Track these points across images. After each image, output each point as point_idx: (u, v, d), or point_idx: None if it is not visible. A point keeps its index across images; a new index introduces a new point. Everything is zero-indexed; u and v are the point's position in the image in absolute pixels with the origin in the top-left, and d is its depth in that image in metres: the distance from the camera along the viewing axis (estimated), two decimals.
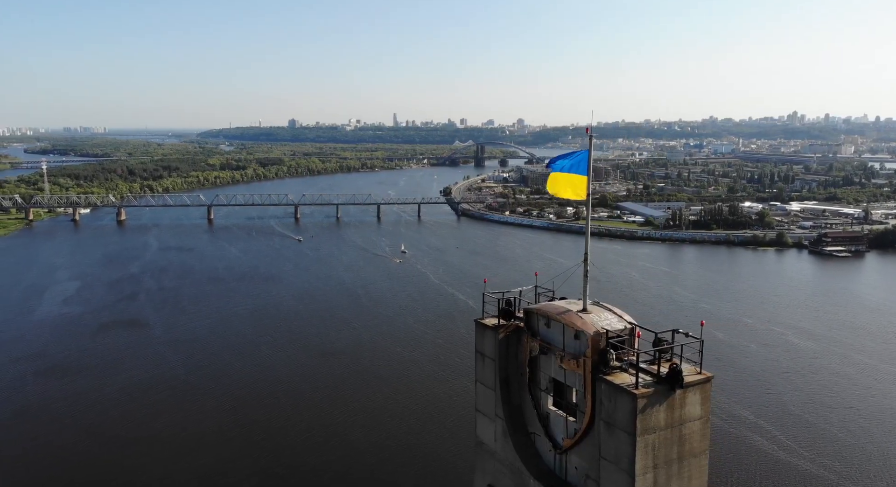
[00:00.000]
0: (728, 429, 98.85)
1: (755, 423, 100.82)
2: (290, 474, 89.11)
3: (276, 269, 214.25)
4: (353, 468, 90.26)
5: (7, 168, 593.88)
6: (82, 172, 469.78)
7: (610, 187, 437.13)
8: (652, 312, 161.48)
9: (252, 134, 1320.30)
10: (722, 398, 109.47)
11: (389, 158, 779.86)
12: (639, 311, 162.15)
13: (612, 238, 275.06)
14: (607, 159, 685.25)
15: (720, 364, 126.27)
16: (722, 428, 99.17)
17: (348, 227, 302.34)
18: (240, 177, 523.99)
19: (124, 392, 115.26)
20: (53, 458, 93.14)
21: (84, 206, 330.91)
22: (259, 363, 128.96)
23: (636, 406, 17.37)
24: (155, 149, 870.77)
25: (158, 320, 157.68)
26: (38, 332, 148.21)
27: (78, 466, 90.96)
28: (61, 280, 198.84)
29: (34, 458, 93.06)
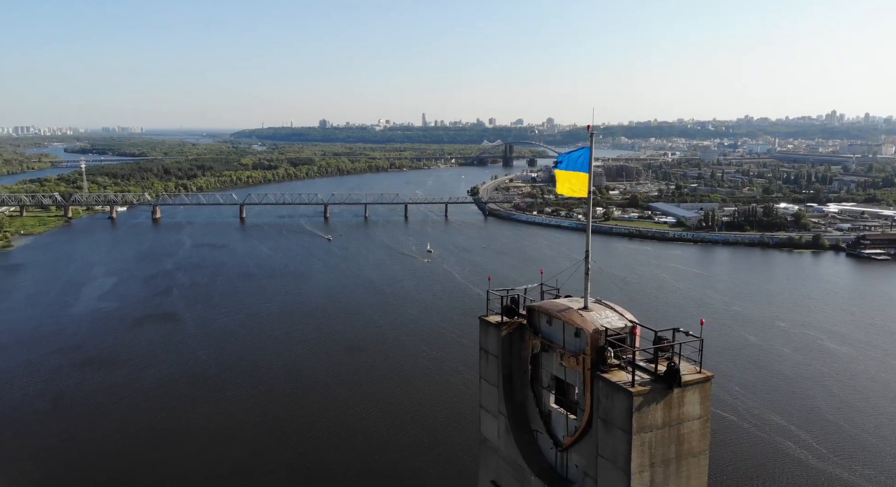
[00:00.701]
0: (758, 434, 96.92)
1: (786, 428, 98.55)
2: (314, 469, 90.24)
3: (306, 267, 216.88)
4: (376, 464, 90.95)
5: (48, 167, 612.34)
6: (120, 171, 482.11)
7: (641, 187, 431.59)
8: (681, 315, 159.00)
9: (284, 134, 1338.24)
10: (753, 402, 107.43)
11: (417, 158, 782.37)
12: (667, 314, 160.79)
13: (642, 239, 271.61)
14: (639, 159, 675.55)
15: (751, 367, 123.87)
16: (752, 433, 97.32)
17: (376, 226, 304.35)
18: (271, 176, 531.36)
19: (156, 385, 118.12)
20: (86, 448, 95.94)
21: (121, 204, 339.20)
22: (287, 359, 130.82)
23: (632, 403, 17.20)
24: (190, 148, 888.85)
25: (191, 315, 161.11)
26: (75, 326, 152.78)
27: (109, 457, 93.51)
28: (98, 276, 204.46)
29: (68, 447, 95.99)
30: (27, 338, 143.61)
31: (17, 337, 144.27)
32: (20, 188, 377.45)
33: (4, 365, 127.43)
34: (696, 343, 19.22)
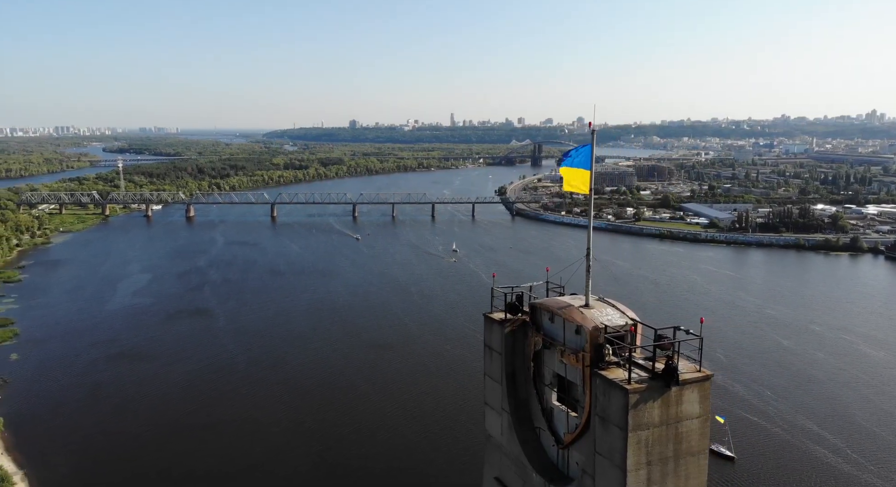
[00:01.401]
0: (790, 439, 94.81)
1: (819, 434, 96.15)
2: (339, 465, 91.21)
3: (333, 265, 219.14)
4: (400, 461, 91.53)
5: (87, 166, 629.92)
6: (155, 170, 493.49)
7: (673, 188, 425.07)
8: (712, 317, 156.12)
9: (314, 134, 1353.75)
10: (784, 407, 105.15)
11: (445, 158, 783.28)
12: (697, 317, 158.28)
13: (673, 240, 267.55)
14: (671, 159, 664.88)
15: (784, 371, 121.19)
16: (783, 438, 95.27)
17: (403, 226, 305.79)
18: (302, 176, 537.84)
19: (187, 379, 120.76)
20: (118, 440, 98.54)
21: (156, 203, 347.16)
22: (313, 355, 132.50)
23: (628, 401, 17.09)
24: (223, 148, 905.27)
25: (222, 311, 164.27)
26: (111, 321, 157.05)
27: (140, 449, 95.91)
28: (133, 272, 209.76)
29: (101, 439, 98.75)
30: (65, 332, 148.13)
31: (55, 332, 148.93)
32: (60, 186, 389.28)
33: (43, 358, 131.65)
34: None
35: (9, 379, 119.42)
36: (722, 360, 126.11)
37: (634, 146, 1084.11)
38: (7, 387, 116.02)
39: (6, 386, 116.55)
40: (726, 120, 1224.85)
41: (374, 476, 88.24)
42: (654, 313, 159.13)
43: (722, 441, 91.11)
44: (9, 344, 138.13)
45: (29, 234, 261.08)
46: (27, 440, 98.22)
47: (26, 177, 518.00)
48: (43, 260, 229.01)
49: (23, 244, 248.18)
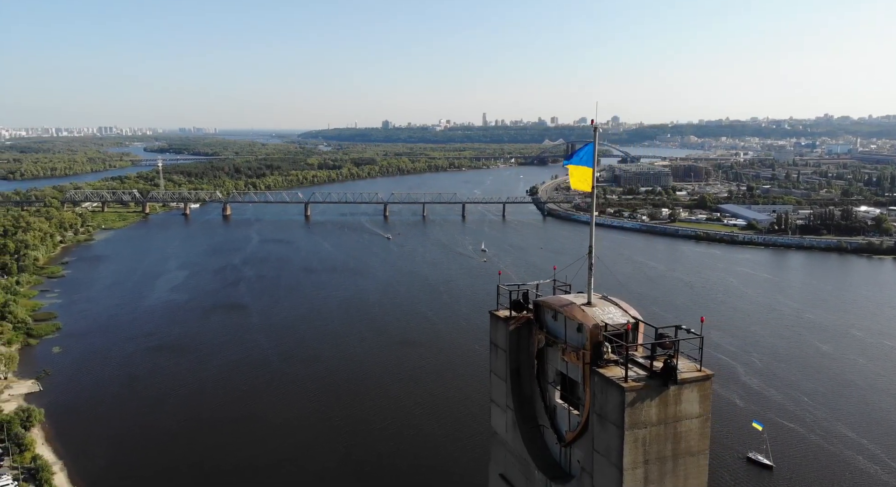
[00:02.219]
0: (826, 446, 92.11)
1: (856, 441, 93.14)
2: (366, 461, 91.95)
3: (364, 264, 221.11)
4: (425, 459, 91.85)
5: (128, 165, 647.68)
6: (193, 170, 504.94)
7: (710, 188, 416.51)
8: (747, 321, 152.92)
9: (348, 134, 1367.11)
10: (821, 413, 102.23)
11: (477, 158, 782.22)
12: (733, 320, 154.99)
13: (710, 241, 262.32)
14: (708, 159, 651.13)
15: (821, 377, 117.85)
16: (819, 445, 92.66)
17: (433, 225, 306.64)
18: (335, 176, 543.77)
19: (221, 373, 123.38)
20: (154, 431, 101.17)
21: (194, 202, 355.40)
22: (343, 351, 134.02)
23: (624, 399, 17.03)
24: (259, 148, 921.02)
25: (256, 308, 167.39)
26: (149, 315, 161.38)
27: (174, 440, 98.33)
28: (172, 268, 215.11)
29: (137, 430, 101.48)
30: (105, 326, 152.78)
31: (95, 325, 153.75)
32: (102, 185, 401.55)
33: (83, 351, 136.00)
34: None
35: (50, 371, 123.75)
36: (757, 364, 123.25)
37: (671, 146, 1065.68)
38: (49, 379, 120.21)
39: (48, 378, 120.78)
40: (766, 119, 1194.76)
41: (399, 474, 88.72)
42: (687, 315, 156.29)
43: (760, 449, 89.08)
44: (51, 338, 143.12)
45: (72, 231, 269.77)
46: (67, 431, 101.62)
47: (70, 176, 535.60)
48: (85, 256, 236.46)
49: (66, 241, 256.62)
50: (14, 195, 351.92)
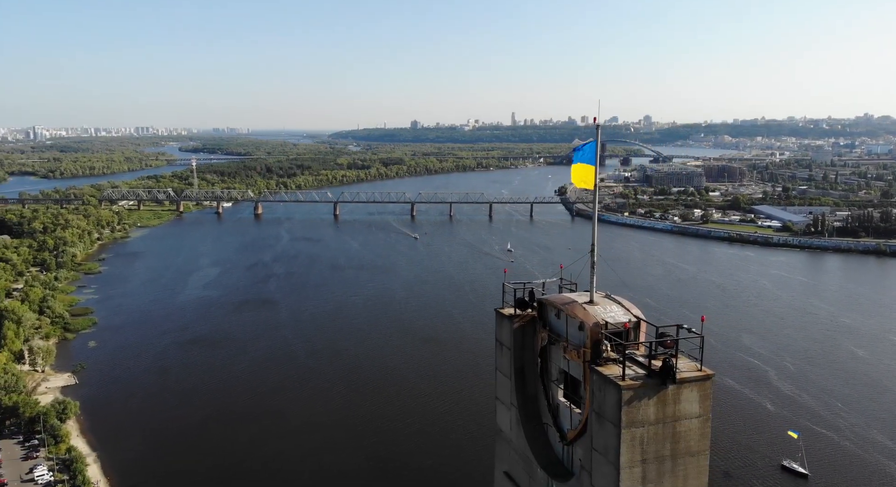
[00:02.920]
0: (861, 454, 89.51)
1: (893, 450, 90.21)
2: (389, 458, 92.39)
3: (391, 262, 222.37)
4: (446, 457, 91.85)
5: (163, 165, 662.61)
6: (226, 169, 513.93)
7: (744, 189, 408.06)
8: (780, 325, 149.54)
9: (377, 135, 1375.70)
10: (856, 419, 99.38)
11: (505, 157, 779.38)
12: (766, 323, 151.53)
13: (743, 243, 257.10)
14: (743, 159, 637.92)
15: (856, 383, 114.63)
16: (853, 452, 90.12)
17: (460, 225, 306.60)
18: (364, 175, 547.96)
19: (251, 368, 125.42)
20: (185, 423, 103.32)
21: (226, 200, 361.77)
22: (369, 348, 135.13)
23: (621, 397, 16.90)
24: (290, 148, 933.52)
25: (285, 304, 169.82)
26: (182, 311, 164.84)
27: (204, 433, 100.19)
28: (204, 265, 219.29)
29: (169, 423, 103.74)
30: (139, 321, 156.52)
31: (130, 320, 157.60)
32: (138, 184, 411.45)
33: (118, 345, 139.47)
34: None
35: (86, 364, 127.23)
36: (790, 369, 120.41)
37: (704, 145, 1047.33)
38: (84, 373, 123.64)
39: (83, 371, 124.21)
40: (804, 118, 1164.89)
41: (421, 472, 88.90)
42: (717, 318, 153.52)
43: (795, 458, 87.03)
44: (87, 332, 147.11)
45: (109, 229, 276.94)
46: (100, 423, 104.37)
47: (108, 175, 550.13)
48: (121, 252, 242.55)
49: (103, 238, 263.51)
50: (54, 193, 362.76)
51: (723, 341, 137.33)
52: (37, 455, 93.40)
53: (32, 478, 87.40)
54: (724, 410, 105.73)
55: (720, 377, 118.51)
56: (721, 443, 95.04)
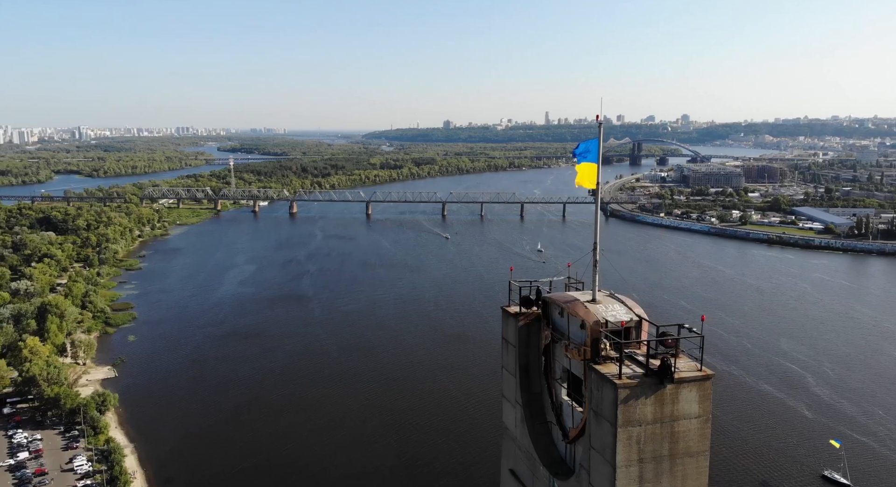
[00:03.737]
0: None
1: None
2: (418, 456, 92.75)
3: (421, 261, 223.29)
4: (474, 455, 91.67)
5: (202, 164, 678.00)
6: (263, 169, 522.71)
7: (785, 190, 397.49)
8: (820, 329, 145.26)
9: (410, 135, 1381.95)
10: None
11: (538, 157, 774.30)
12: (805, 328, 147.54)
13: (783, 245, 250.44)
14: (784, 159, 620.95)
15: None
16: (891, 459, 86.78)
17: (491, 225, 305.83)
18: (396, 175, 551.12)
19: (284, 363, 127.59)
20: (219, 417, 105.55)
21: (262, 199, 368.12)
22: (398, 344, 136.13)
23: (617, 395, 16.78)
24: (325, 148, 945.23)
25: (318, 301, 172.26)
26: (218, 306, 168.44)
27: (237, 427, 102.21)
28: (240, 262, 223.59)
29: (204, 415, 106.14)
30: (177, 316, 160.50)
31: (168, 315, 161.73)
32: (178, 183, 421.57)
33: (156, 339, 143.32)
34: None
35: (125, 358, 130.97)
36: (829, 374, 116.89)
37: (744, 145, 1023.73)
38: (123, 366, 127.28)
39: (123, 365, 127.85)
40: (848, 118, 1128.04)
41: (448, 470, 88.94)
42: (753, 322, 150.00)
43: (837, 468, 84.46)
44: (127, 327, 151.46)
45: (150, 226, 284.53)
46: (138, 415, 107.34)
47: (149, 174, 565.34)
48: (161, 249, 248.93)
49: (144, 235, 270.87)
50: (97, 191, 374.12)
51: (759, 345, 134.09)
52: (77, 445, 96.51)
53: (72, 468, 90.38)
54: (760, 416, 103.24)
55: (755, 381, 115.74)
56: (757, 450, 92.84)
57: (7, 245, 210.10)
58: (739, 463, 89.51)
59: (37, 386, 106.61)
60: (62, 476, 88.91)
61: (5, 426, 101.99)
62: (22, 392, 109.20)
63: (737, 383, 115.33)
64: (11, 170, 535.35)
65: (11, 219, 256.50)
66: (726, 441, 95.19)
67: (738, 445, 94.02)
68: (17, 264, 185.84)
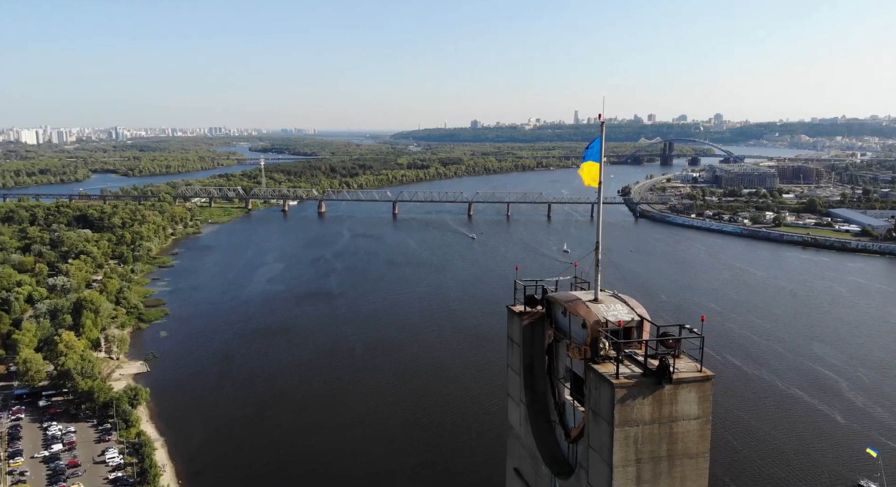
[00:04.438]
0: None
1: None
2: (439, 454, 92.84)
3: (446, 260, 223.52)
4: (497, 457, 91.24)
5: (234, 164, 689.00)
6: (293, 169, 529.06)
7: (821, 191, 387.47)
8: (855, 333, 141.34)
9: (437, 135, 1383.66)
10: None
11: (566, 156, 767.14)
12: (839, 332, 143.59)
13: (818, 248, 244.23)
14: (820, 159, 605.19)
15: None
16: None
17: (517, 225, 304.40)
18: (423, 175, 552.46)
19: (310, 359, 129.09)
20: (247, 412, 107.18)
21: (292, 199, 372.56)
22: (423, 343, 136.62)
23: (614, 395, 16.68)
24: (354, 149, 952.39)
25: (344, 299, 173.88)
26: (247, 302, 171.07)
27: (264, 422, 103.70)
28: (269, 260, 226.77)
29: (232, 410, 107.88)
30: (207, 312, 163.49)
31: (199, 311, 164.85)
32: (210, 182, 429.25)
33: (187, 335, 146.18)
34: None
35: (157, 353, 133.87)
36: (864, 380, 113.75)
37: (779, 145, 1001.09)
38: (155, 361, 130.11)
39: (154, 360, 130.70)
40: (888, 117, 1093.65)
41: (470, 473, 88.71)
42: (786, 325, 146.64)
43: (873, 478, 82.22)
44: (160, 323, 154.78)
45: (182, 225, 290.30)
46: (168, 409, 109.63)
47: (183, 173, 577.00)
48: (193, 247, 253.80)
49: (177, 233, 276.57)
50: (133, 190, 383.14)
51: (791, 349, 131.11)
52: (109, 438, 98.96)
53: (104, 460, 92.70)
54: (791, 421, 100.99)
55: (786, 385, 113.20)
56: (788, 456, 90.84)
57: (45, 242, 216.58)
58: (769, 469, 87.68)
59: (71, 379, 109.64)
60: (94, 468, 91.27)
61: (41, 418, 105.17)
62: (57, 385, 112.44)
63: (767, 387, 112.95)
64: (50, 169, 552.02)
65: (50, 216, 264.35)
66: (756, 446, 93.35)
67: (768, 450, 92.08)
68: (54, 260, 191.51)
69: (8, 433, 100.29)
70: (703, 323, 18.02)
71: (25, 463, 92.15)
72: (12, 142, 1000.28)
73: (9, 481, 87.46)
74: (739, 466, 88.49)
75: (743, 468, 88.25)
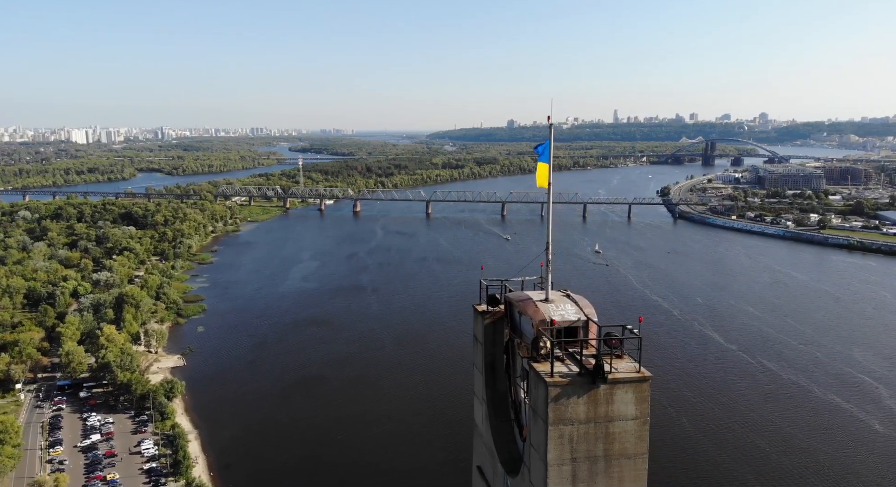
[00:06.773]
0: None
1: None
2: (465, 450, 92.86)
3: (478, 259, 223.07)
4: None
5: (274, 163, 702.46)
6: (330, 169, 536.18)
7: (869, 193, 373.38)
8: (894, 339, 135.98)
9: (473, 135, 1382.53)
10: None
11: (604, 156, 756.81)
12: (882, 338, 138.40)
13: (865, 252, 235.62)
14: (870, 160, 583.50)
15: None
16: None
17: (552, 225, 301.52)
18: (457, 175, 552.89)
19: (342, 355, 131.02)
20: (279, 406, 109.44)
21: (329, 198, 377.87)
22: (451, 342, 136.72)
23: (548, 393, 16.70)
24: (390, 149, 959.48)
25: (376, 296, 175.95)
26: (283, 298, 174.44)
27: (294, 417, 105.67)
28: (305, 258, 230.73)
29: (264, 404, 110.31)
30: (244, 308, 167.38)
31: (236, 306, 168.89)
32: (250, 181, 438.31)
33: (223, 330, 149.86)
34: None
35: (194, 348, 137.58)
36: None
37: (826, 145, 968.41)
38: (192, 356, 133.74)
39: (191, 354, 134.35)
40: None
41: None
42: (827, 330, 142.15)
43: None
44: (197, 318, 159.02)
45: (222, 223, 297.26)
46: (202, 403, 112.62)
47: (224, 172, 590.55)
48: (232, 244, 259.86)
49: (217, 231, 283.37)
50: (176, 189, 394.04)
51: (830, 355, 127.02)
52: (145, 429, 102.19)
53: (140, 451, 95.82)
54: (827, 428, 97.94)
55: (823, 392, 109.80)
56: (823, 465, 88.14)
57: (91, 238, 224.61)
58: (803, 477, 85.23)
59: (111, 372, 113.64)
60: (130, 458, 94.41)
61: (81, 409, 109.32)
62: (97, 377, 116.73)
63: (803, 393, 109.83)
64: (98, 167, 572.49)
65: (96, 213, 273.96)
66: (789, 452, 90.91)
67: (802, 458, 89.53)
68: (99, 256, 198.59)
69: (49, 422, 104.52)
70: (641, 324, 18.03)
71: (65, 452, 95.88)
72: (63, 141, 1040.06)
73: (49, 469, 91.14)
74: (771, 473, 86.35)
75: (775, 474, 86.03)
